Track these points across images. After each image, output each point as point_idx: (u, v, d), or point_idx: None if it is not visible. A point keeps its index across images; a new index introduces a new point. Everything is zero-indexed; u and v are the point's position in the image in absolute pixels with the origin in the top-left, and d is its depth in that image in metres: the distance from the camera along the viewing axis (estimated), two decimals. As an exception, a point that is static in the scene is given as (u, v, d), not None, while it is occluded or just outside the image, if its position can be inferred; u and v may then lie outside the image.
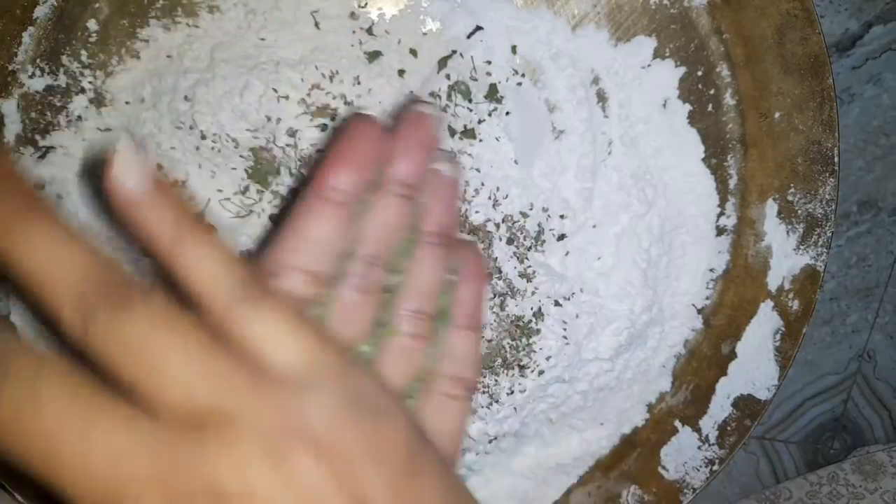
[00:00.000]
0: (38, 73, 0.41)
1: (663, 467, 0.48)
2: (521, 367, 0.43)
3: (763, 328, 0.47)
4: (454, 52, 0.41)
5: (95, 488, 0.17)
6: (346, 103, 0.39)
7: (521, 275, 0.42)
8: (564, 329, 0.43)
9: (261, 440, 0.18)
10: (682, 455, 0.48)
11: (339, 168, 0.23)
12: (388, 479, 0.19)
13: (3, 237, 0.19)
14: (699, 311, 0.47)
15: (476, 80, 0.42)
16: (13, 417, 0.17)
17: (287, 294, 0.22)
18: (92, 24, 0.41)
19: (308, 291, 0.22)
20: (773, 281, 0.46)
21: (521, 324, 0.42)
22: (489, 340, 0.42)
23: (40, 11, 0.40)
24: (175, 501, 0.17)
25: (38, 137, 0.42)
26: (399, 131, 0.25)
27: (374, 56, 0.40)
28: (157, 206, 0.20)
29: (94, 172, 0.42)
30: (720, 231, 0.46)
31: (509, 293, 0.42)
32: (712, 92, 0.44)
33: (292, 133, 0.39)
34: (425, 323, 0.24)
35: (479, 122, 0.41)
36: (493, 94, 0.41)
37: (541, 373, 0.43)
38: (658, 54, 0.43)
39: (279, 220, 0.41)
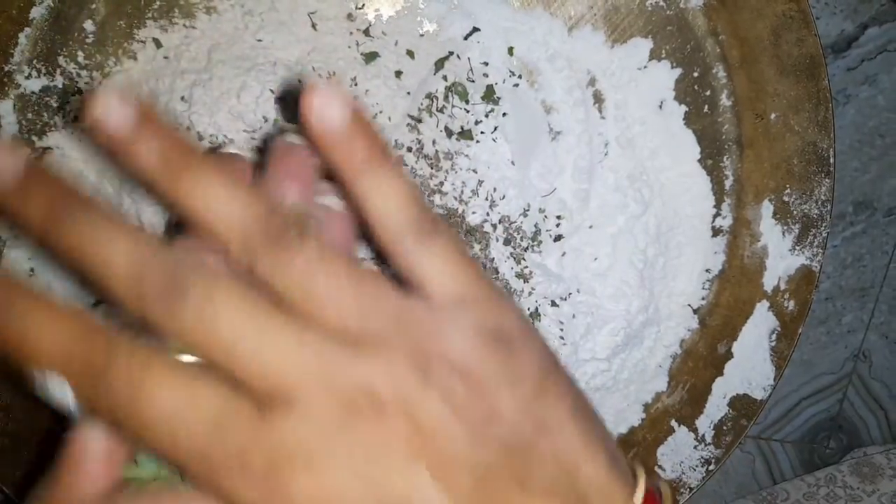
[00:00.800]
0: (34, 73, 0.41)
1: (660, 467, 0.48)
2: (518, 368, 0.43)
3: (759, 328, 0.47)
4: (451, 53, 0.41)
5: (269, 386, 0.19)
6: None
7: (518, 275, 0.42)
8: (561, 329, 0.44)
9: (408, 359, 0.20)
10: (679, 454, 0.48)
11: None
12: (520, 399, 0.21)
13: (174, 179, 0.21)
14: (695, 312, 0.47)
15: (473, 81, 0.42)
16: (195, 328, 0.19)
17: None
18: (89, 25, 0.41)
19: None
20: (769, 281, 0.46)
21: (517, 324, 0.42)
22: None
23: (37, 12, 0.40)
24: (337, 398, 0.19)
25: (34, 139, 0.42)
26: (270, 164, 0.25)
27: (371, 57, 0.40)
28: (357, 138, 0.22)
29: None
30: (716, 232, 0.46)
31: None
32: (708, 93, 0.44)
33: (289, 134, 0.39)
34: None
35: (476, 123, 0.41)
36: (489, 95, 0.42)
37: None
38: (654, 56, 0.43)
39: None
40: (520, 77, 0.42)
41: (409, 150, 0.41)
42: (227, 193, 0.20)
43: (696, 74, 0.44)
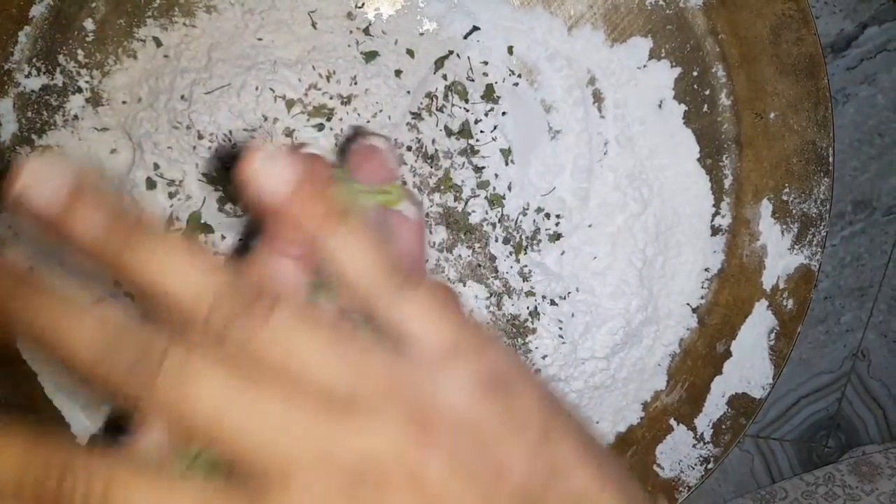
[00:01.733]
0: (34, 72, 0.41)
1: (658, 465, 0.48)
2: (518, 366, 0.43)
3: (758, 327, 0.47)
4: (451, 52, 0.41)
5: (261, 465, 0.18)
6: (342, 103, 0.39)
7: (518, 274, 0.43)
8: (560, 328, 0.44)
9: (405, 420, 0.19)
10: (678, 453, 0.48)
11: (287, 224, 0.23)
12: (527, 446, 0.20)
13: (122, 252, 0.20)
14: (694, 311, 0.47)
15: (473, 80, 0.42)
16: (173, 405, 0.18)
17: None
18: (89, 24, 0.41)
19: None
20: (768, 280, 0.47)
21: (517, 323, 0.42)
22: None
23: (36, 10, 0.40)
24: (336, 471, 0.18)
25: (34, 137, 0.42)
26: (350, 166, 0.24)
27: (371, 56, 0.40)
28: (312, 202, 0.20)
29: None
30: (715, 231, 0.46)
31: (505, 292, 0.42)
32: (708, 92, 0.44)
33: (289, 133, 0.39)
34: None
35: (476, 122, 0.41)
36: (489, 94, 0.42)
37: (537, 371, 0.43)
38: (654, 55, 0.43)
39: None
40: (519, 76, 0.42)
41: (409, 148, 0.41)
42: (188, 262, 0.19)
43: (695, 73, 0.44)
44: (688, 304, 0.47)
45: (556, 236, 0.44)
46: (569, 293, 0.44)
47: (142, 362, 0.18)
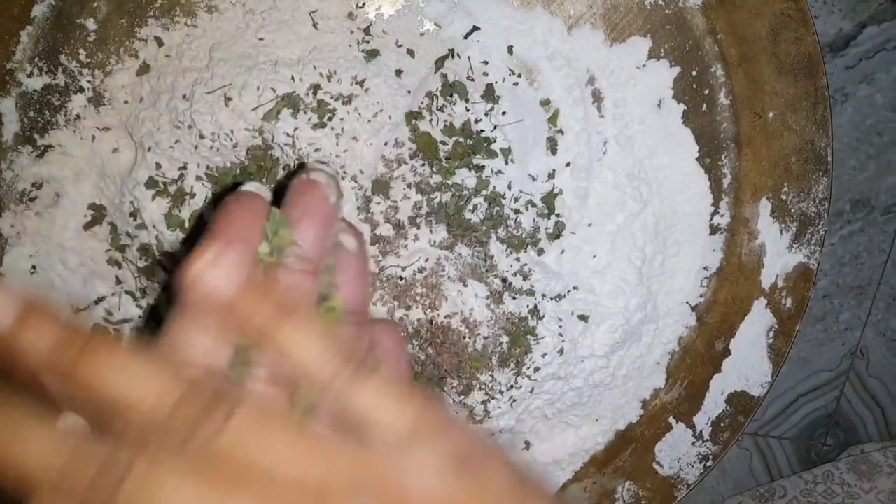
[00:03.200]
0: (36, 72, 0.41)
1: (657, 463, 0.48)
2: (517, 365, 0.43)
3: (756, 325, 0.47)
4: (451, 51, 0.41)
5: None
6: (343, 103, 0.40)
7: (517, 273, 0.43)
8: (560, 326, 0.44)
9: None
10: (677, 451, 0.48)
11: (214, 265, 0.21)
12: None
13: (71, 366, 0.19)
14: (693, 309, 0.47)
15: (473, 80, 0.42)
16: None
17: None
18: (90, 24, 0.41)
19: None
20: (767, 279, 0.47)
21: (516, 321, 0.43)
22: (485, 338, 0.42)
23: (38, 10, 0.41)
24: None
25: (36, 136, 0.42)
26: (288, 201, 0.23)
27: (372, 55, 0.40)
28: (254, 299, 0.20)
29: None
30: (714, 229, 0.46)
31: (505, 291, 0.42)
32: (706, 92, 0.45)
33: (290, 133, 0.39)
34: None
35: (476, 121, 0.42)
36: (489, 94, 0.42)
37: (536, 370, 0.43)
38: (653, 54, 0.44)
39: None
40: (519, 76, 0.43)
41: (409, 148, 0.41)
42: (142, 371, 0.19)
43: (694, 73, 0.44)
44: (687, 302, 0.47)
45: (556, 235, 0.44)
46: (568, 292, 0.44)
47: (104, 477, 0.18)
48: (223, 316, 0.21)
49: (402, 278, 0.41)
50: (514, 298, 0.43)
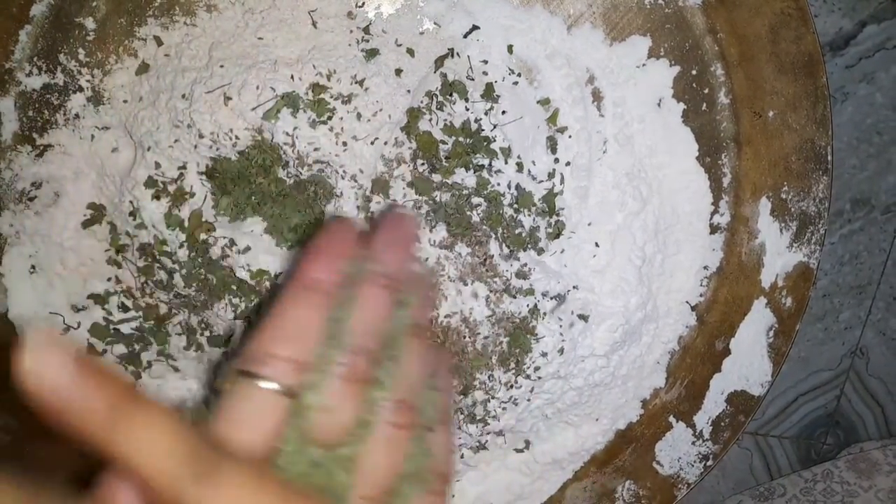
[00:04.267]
0: (35, 71, 0.41)
1: (658, 462, 0.48)
2: (517, 364, 0.43)
3: (756, 325, 0.47)
4: (451, 51, 0.41)
5: None
6: (343, 102, 0.40)
7: (517, 273, 0.43)
8: (560, 326, 0.44)
9: None
10: (677, 450, 0.48)
11: (317, 261, 0.24)
12: None
13: (115, 427, 0.19)
14: (693, 308, 0.47)
15: (472, 79, 0.42)
16: None
17: (275, 381, 0.22)
18: (89, 23, 0.41)
19: (292, 380, 0.22)
20: (767, 278, 0.47)
21: (516, 321, 0.43)
22: (485, 337, 0.42)
23: (37, 9, 0.40)
24: None
25: (35, 136, 0.42)
26: (381, 228, 0.26)
27: (371, 54, 0.40)
28: (85, 389, 0.18)
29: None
30: (714, 229, 0.46)
31: (505, 290, 0.42)
32: (706, 91, 0.45)
33: (290, 131, 0.39)
34: (411, 414, 0.24)
35: (476, 120, 0.42)
36: (489, 93, 0.42)
37: (536, 369, 0.43)
38: (653, 54, 0.44)
39: (259, 314, 0.41)
40: (519, 75, 0.43)
41: (409, 148, 0.41)
42: (170, 440, 0.19)
43: (694, 72, 0.44)
44: (687, 301, 0.47)
45: (556, 234, 0.44)
46: (568, 291, 0.44)
47: None
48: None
49: (401, 278, 0.41)
50: (514, 298, 0.43)
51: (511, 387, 0.43)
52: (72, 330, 0.42)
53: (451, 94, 0.41)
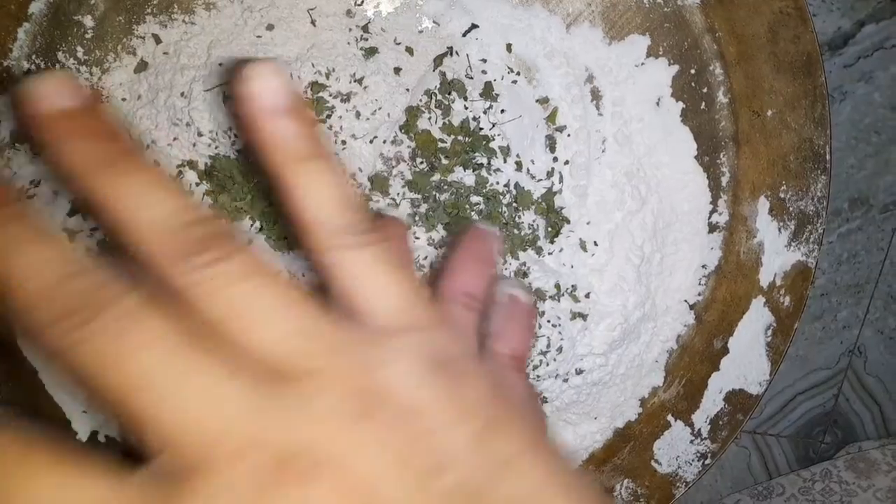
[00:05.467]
0: (33, 69, 0.41)
1: (656, 461, 0.48)
2: (516, 363, 0.43)
3: (755, 324, 0.47)
4: (450, 49, 0.41)
5: (180, 450, 0.16)
6: (342, 101, 0.40)
7: (516, 271, 0.43)
8: (559, 325, 0.44)
9: (344, 400, 0.17)
10: (675, 449, 0.48)
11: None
12: (469, 438, 0.18)
13: (106, 176, 0.18)
14: (691, 307, 0.47)
15: (471, 77, 0.42)
16: (103, 364, 0.16)
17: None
18: (88, 21, 0.41)
19: None
20: (765, 277, 0.47)
21: (515, 319, 0.43)
22: (484, 336, 0.42)
23: (35, 7, 0.40)
24: (262, 460, 0.16)
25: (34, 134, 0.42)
26: (461, 247, 0.26)
27: (370, 52, 0.40)
28: (294, 120, 0.19)
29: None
30: (712, 228, 0.46)
31: (504, 289, 0.42)
32: (705, 90, 0.45)
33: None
34: None
35: (475, 119, 0.42)
36: (488, 92, 0.42)
37: (535, 368, 0.43)
38: (652, 53, 0.44)
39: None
40: (518, 74, 0.43)
41: (408, 146, 0.41)
42: (156, 197, 0.18)
43: (693, 71, 0.44)
44: (685, 300, 0.47)
45: (555, 233, 0.44)
46: (567, 290, 0.44)
47: (85, 307, 0.16)
48: None
49: (400, 276, 0.41)
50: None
51: (509, 385, 0.43)
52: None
53: (450, 93, 0.41)
